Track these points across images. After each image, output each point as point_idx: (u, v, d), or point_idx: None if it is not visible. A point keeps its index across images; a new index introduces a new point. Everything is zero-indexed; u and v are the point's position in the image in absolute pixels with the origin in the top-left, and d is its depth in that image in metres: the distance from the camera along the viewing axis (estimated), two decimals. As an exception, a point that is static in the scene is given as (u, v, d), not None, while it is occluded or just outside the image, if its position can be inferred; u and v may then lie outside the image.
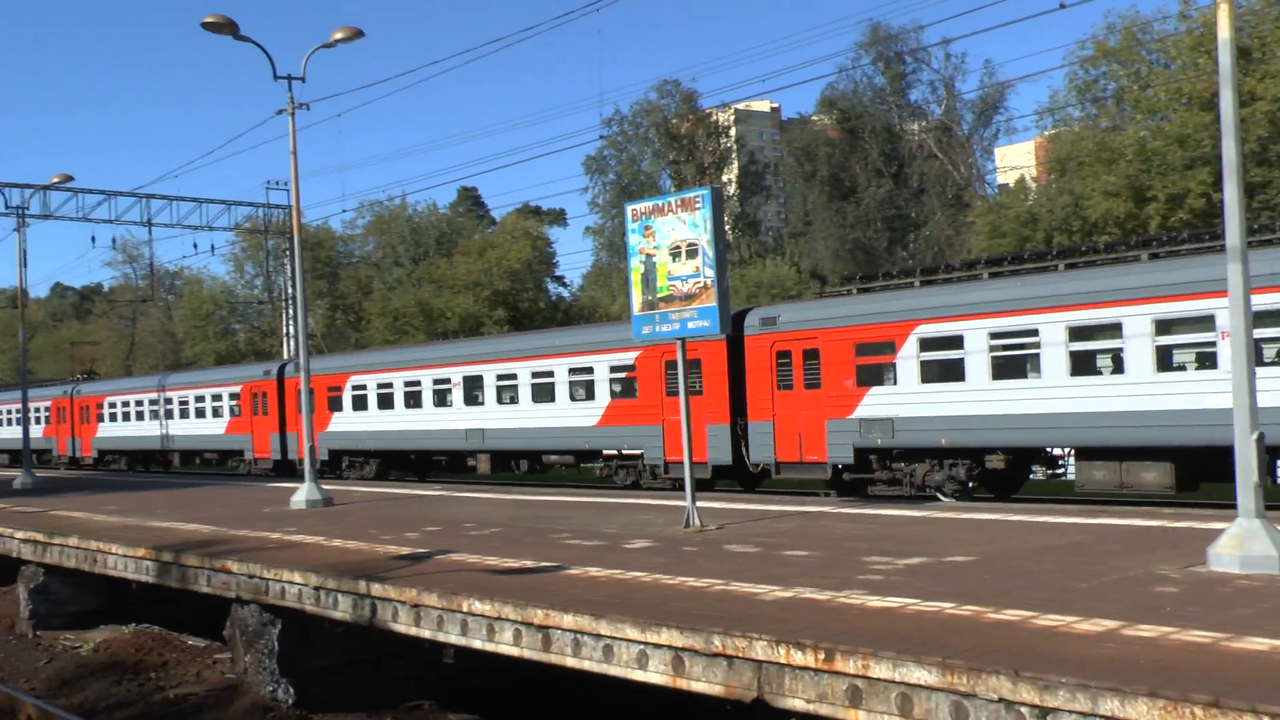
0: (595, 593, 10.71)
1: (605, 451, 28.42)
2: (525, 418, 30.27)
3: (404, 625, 11.88)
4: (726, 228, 18.05)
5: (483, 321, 65.38)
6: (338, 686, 14.53)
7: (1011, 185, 58.70)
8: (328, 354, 51.18)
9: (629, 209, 16.33)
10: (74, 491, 30.74)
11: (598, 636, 9.70)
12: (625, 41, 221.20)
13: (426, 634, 11.65)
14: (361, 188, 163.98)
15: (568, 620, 9.91)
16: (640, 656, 9.39)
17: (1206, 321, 18.24)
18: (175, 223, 56.41)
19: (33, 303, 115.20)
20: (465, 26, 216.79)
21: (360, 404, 36.08)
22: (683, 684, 9.17)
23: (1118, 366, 19.73)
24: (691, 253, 15.23)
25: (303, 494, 22.32)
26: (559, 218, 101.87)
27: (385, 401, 34.82)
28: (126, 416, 50.06)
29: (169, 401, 47.01)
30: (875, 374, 22.71)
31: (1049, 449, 21.95)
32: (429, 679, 15.30)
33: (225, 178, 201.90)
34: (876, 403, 22.49)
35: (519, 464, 31.84)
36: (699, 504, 16.14)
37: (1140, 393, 19.03)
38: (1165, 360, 19.35)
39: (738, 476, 25.91)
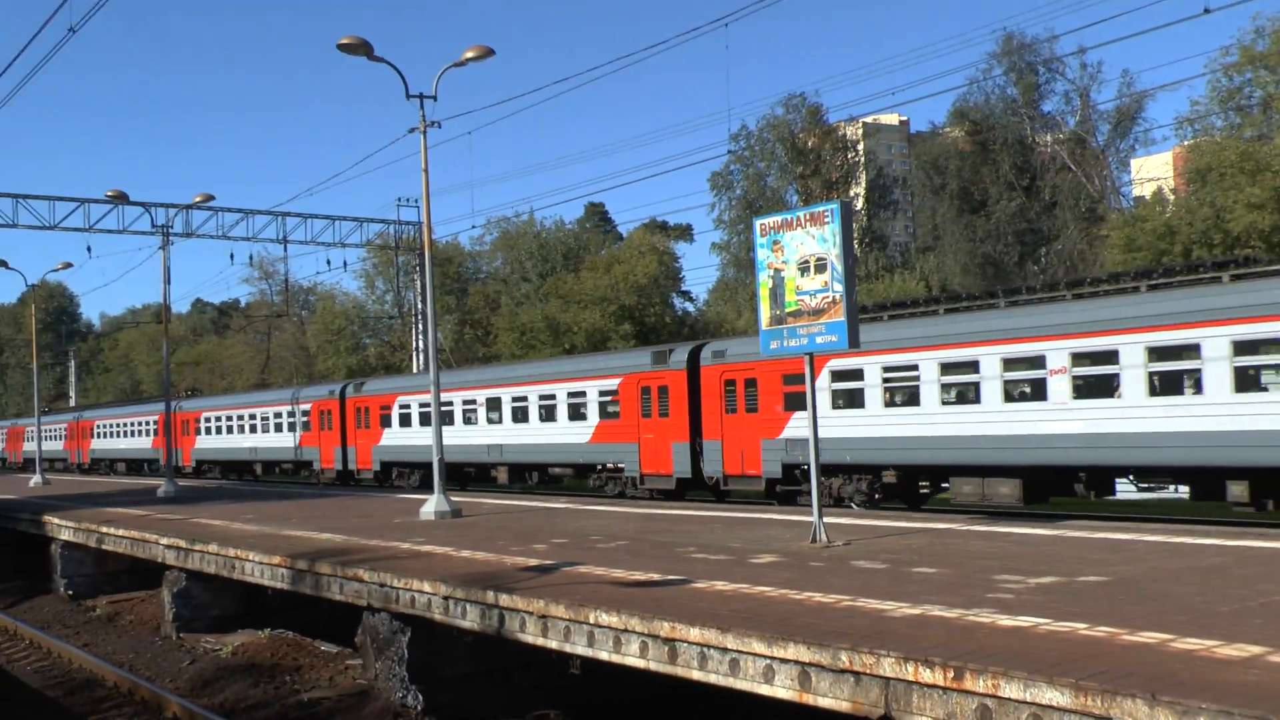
0: (722, 607, 10.71)
1: (597, 465, 32.97)
2: (534, 435, 35.06)
3: (531, 635, 12.01)
4: (854, 242, 18.31)
5: (609, 337, 65.74)
6: (466, 695, 14.74)
7: (1148, 197, 57.18)
8: (380, 377, 54.75)
9: (757, 224, 16.32)
10: (213, 501, 31.65)
11: (724, 650, 9.70)
12: (753, 57, 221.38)
13: (554, 644, 11.76)
14: (491, 204, 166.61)
15: (694, 633, 9.93)
16: (766, 671, 9.37)
17: (1039, 360, 22.26)
18: (309, 240, 58.10)
19: (175, 318, 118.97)
20: (594, 43, 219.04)
21: (405, 421, 41.08)
22: (809, 699, 9.13)
23: (977, 399, 23.25)
24: (820, 267, 15.17)
25: (432, 505, 22.65)
26: (685, 233, 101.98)
27: (425, 420, 37.12)
28: (219, 430, 55.46)
29: (253, 417, 52.59)
30: (798, 401, 25.60)
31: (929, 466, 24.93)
32: (556, 689, 15.45)
33: (357, 195, 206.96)
34: (799, 425, 25.75)
35: (531, 475, 36.30)
36: (826, 520, 16.04)
37: (995, 420, 22.84)
38: (1011, 393, 22.91)
39: (701, 488, 29.83)
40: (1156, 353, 20.65)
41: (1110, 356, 21.16)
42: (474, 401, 37.70)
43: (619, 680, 14.47)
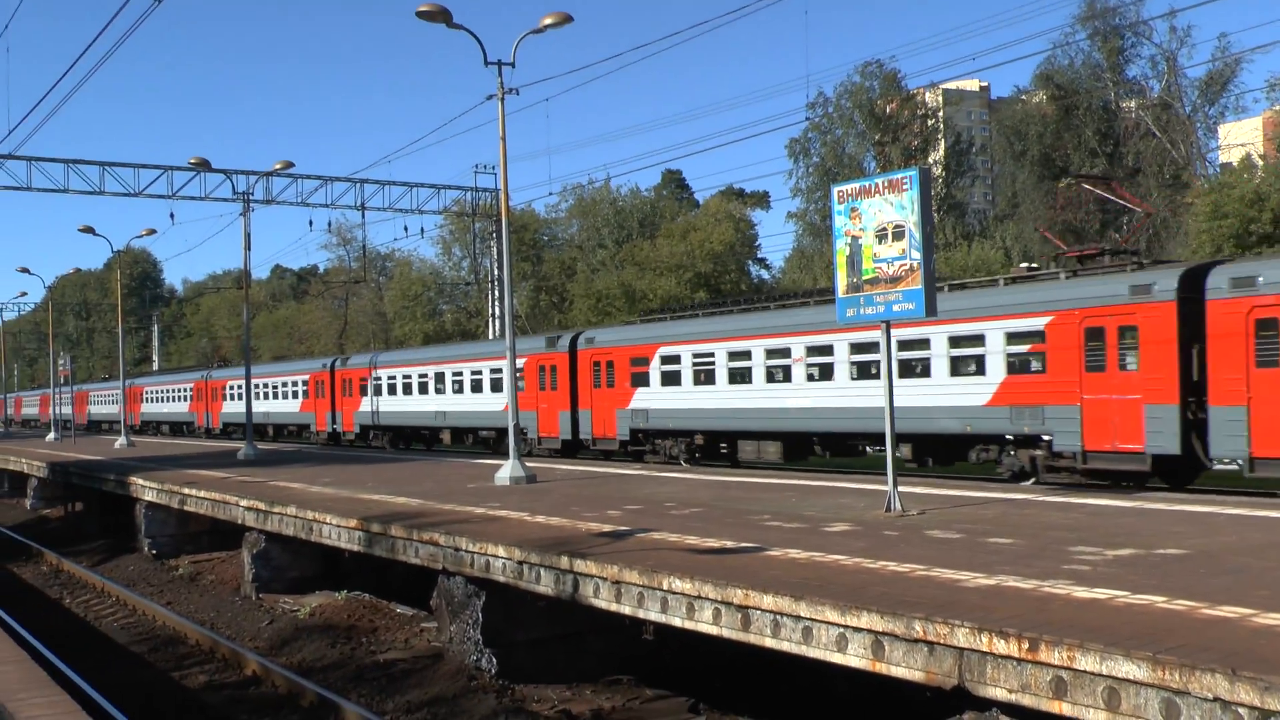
0: (795, 574, 10.70)
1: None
2: (471, 404, 40.78)
3: (605, 601, 12.08)
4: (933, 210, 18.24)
5: (684, 304, 65.69)
6: (539, 659, 14.88)
7: (1235, 164, 55.87)
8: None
9: (835, 191, 16.19)
10: (291, 464, 32.12)
11: (797, 618, 9.70)
12: (833, 22, 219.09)
13: (627, 610, 11.83)
14: (567, 171, 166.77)
15: (767, 601, 9.94)
16: (839, 639, 9.36)
17: (786, 353, 28.11)
18: (387, 206, 58.42)
19: (255, 284, 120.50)
20: (673, 9, 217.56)
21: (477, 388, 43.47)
22: (882, 668, 9.12)
23: (750, 380, 29.01)
24: (898, 235, 15.02)
25: (507, 470, 22.80)
26: (762, 200, 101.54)
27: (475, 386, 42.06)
28: (238, 398, 57.86)
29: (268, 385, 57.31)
30: (642, 379, 32.31)
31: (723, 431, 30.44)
32: (628, 655, 15.55)
33: (435, 162, 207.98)
34: (641, 399, 32.31)
35: (468, 437, 42.25)
36: (901, 490, 15.95)
37: (760, 396, 28.64)
38: (772, 375, 28.56)
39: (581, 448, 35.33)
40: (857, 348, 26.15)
41: (828, 350, 26.85)
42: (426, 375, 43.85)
43: (691, 647, 14.55)
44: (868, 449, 27.27)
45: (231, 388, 61.24)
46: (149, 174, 52.21)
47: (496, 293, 62.06)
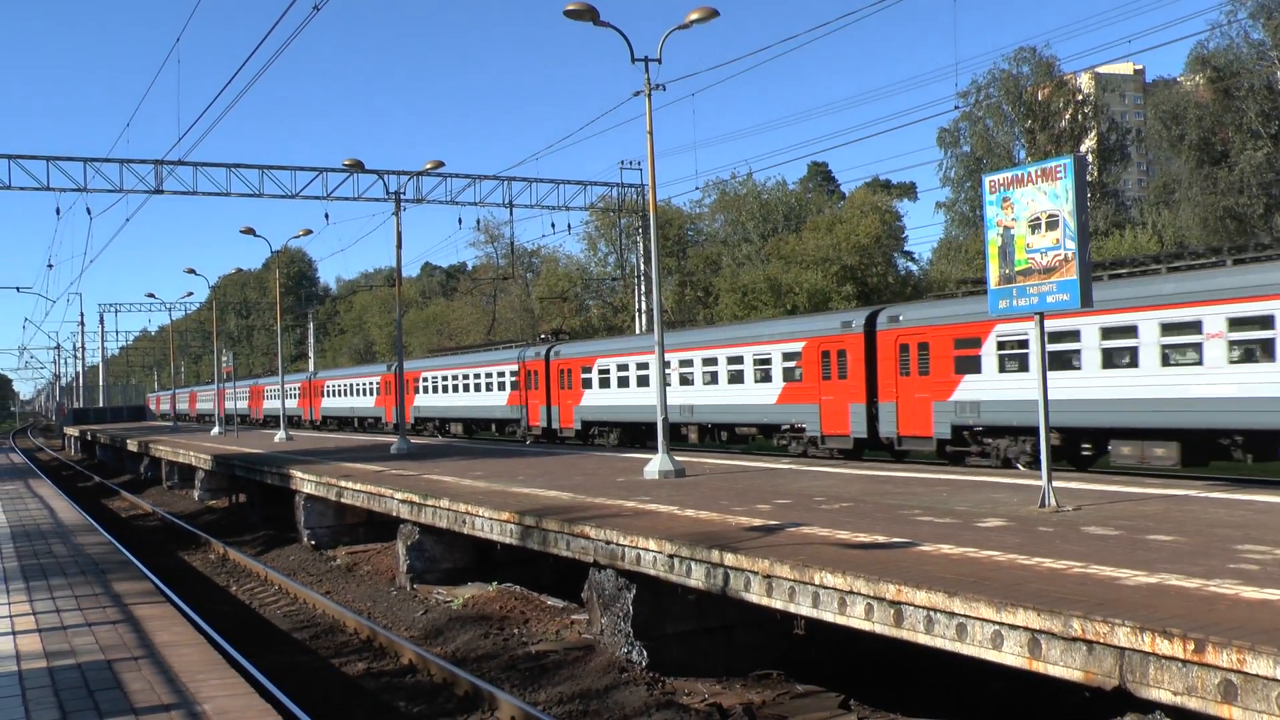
0: (948, 570, 10.58)
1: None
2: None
3: (755, 595, 12.09)
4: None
5: (830, 297, 65.23)
6: (689, 651, 14.96)
7: None
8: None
9: (987, 180, 15.92)
10: (443, 458, 32.72)
11: (951, 614, 9.60)
12: (982, 8, 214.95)
13: (778, 604, 11.82)
14: (713, 165, 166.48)
15: (920, 597, 9.85)
16: (995, 637, 9.23)
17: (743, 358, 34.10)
18: (534, 204, 59.14)
19: (405, 281, 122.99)
20: (819, 0, 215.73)
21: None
22: (1038, 667, 8.96)
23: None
24: (1052, 224, 14.71)
25: (656, 464, 22.90)
26: (909, 191, 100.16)
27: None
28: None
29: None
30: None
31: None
32: (778, 649, 15.53)
33: (581, 159, 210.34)
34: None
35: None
36: (1055, 484, 15.63)
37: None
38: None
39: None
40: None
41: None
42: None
43: (841, 643, 14.47)
44: None
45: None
46: (305, 176, 53.79)
47: (643, 288, 62.35)
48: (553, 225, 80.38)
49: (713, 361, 36.17)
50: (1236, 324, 21.83)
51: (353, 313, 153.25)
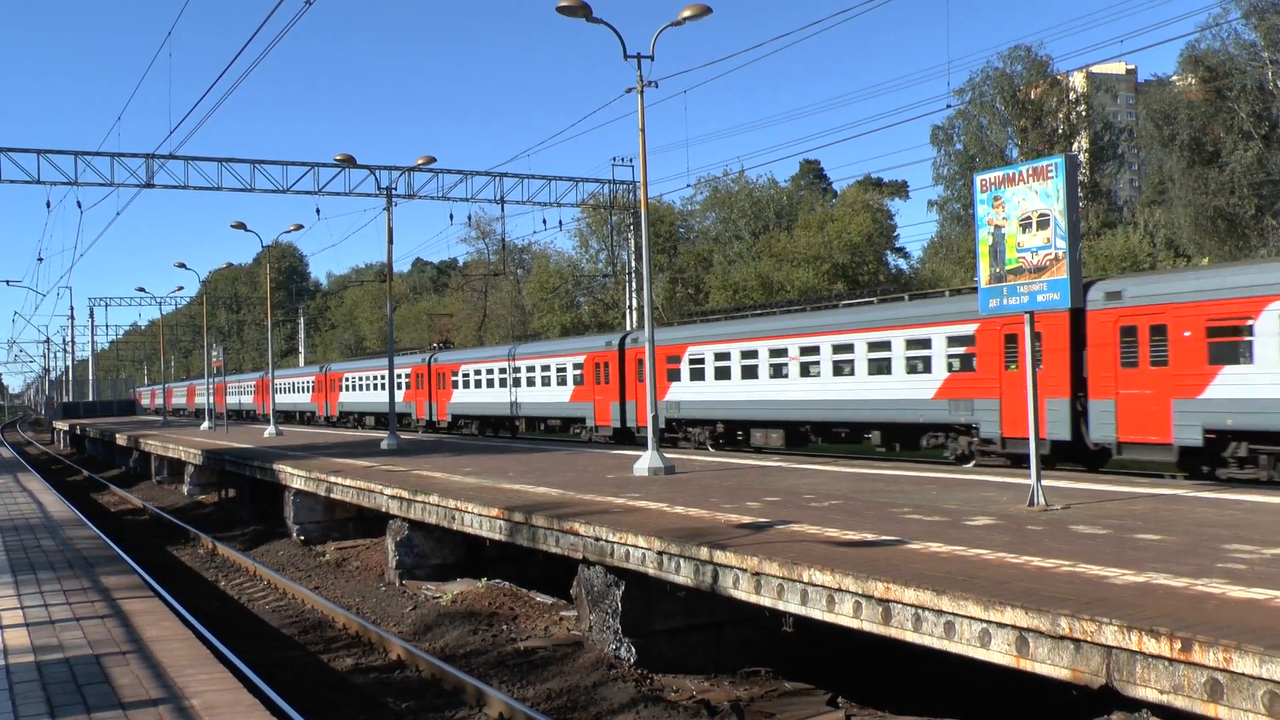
0: (937, 569, 10.60)
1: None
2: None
3: (744, 593, 12.10)
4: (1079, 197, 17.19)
5: (822, 295, 65.24)
6: (678, 648, 14.97)
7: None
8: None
9: (978, 179, 15.94)
10: (433, 454, 32.70)
11: (939, 612, 9.61)
12: (974, 7, 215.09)
13: (766, 602, 11.83)
14: (705, 163, 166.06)
15: (909, 595, 9.86)
16: (983, 635, 9.25)
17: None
18: (526, 200, 59.10)
19: (397, 277, 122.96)
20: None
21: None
22: (1026, 665, 8.98)
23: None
24: (1043, 224, 14.74)
25: (645, 461, 22.91)
26: (900, 189, 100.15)
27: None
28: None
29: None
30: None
31: None
32: (767, 646, 15.54)
33: (573, 156, 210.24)
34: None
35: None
36: (1045, 483, 15.66)
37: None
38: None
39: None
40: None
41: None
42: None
43: (830, 640, 14.48)
44: None
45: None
46: (296, 171, 53.75)
47: (634, 284, 62.35)
48: (544, 222, 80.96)
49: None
50: (838, 349, 30.25)
51: (343, 308, 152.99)
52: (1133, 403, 22.65)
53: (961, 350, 26.67)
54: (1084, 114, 78.35)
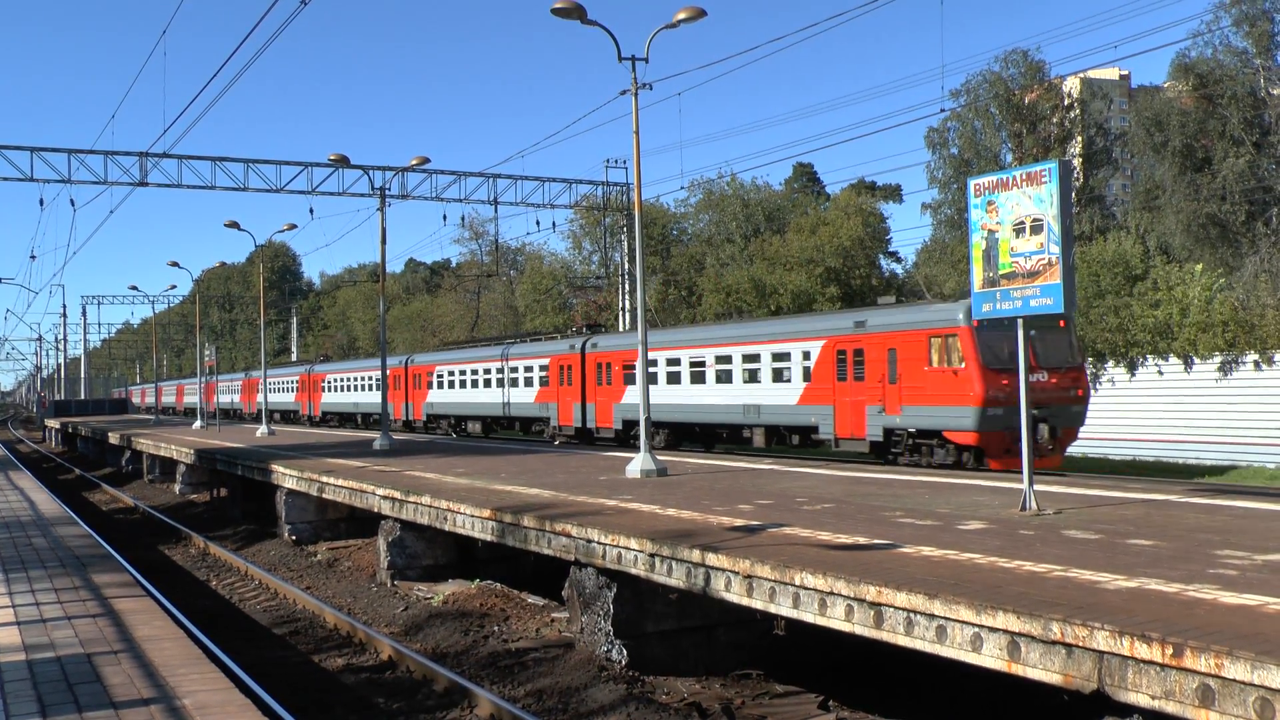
0: (929, 572, 10.61)
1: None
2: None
3: (736, 595, 12.11)
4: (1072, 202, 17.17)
5: (814, 299, 65.28)
6: (670, 650, 14.98)
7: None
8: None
9: (971, 184, 15.96)
10: (425, 454, 32.67)
11: (931, 616, 9.62)
12: (969, 11, 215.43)
13: (758, 605, 11.84)
14: (699, 165, 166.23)
15: (901, 598, 9.87)
16: (974, 639, 9.26)
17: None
18: (519, 201, 59.01)
19: (390, 277, 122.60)
20: (807, 1, 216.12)
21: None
22: (1017, 670, 8.99)
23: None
24: (1036, 229, 14.76)
25: (638, 463, 22.91)
26: (894, 193, 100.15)
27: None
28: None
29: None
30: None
31: None
32: (758, 648, 15.56)
33: (567, 157, 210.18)
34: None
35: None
36: (1037, 488, 15.69)
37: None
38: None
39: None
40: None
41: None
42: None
43: (822, 643, 14.50)
44: None
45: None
46: (290, 170, 53.57)
47: (627, 286, 62.35)
48: (537, 223, 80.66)
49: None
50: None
51: (336, 308, 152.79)
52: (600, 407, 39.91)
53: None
54: (1078, 119, 78.44)
